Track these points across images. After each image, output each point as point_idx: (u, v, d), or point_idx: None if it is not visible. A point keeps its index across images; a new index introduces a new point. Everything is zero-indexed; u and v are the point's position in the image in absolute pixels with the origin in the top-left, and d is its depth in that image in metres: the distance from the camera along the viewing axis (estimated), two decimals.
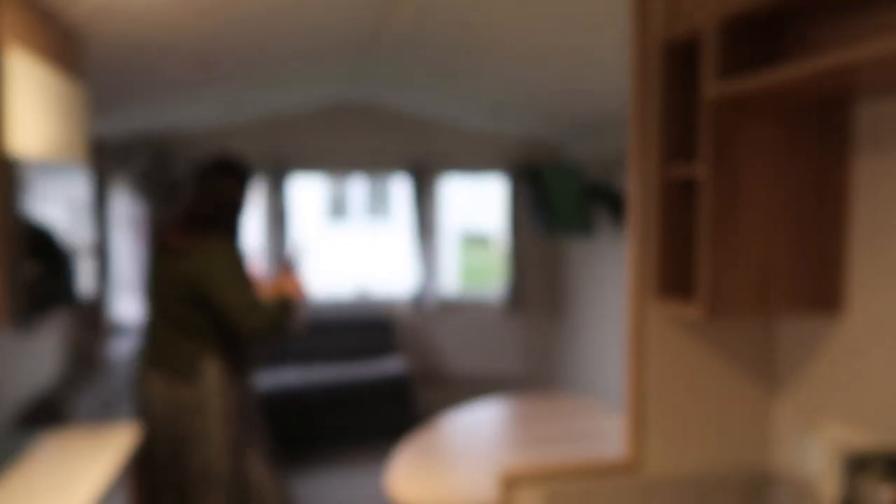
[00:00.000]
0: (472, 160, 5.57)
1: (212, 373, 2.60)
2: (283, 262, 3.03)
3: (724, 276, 1.46)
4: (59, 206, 2.01)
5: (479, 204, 18.68)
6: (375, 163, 5.53)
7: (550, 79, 3.56)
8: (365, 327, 5.43)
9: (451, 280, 5.89)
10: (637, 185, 1.68)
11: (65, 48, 2.16)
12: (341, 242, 11.97)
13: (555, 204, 4.98)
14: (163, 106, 4.06)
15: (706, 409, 1.73)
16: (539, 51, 3.11)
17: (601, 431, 2.86)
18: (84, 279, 2.27)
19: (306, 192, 11.87)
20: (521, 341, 5.73)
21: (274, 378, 4.83)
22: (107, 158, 3.82)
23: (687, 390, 1.71)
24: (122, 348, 4.01)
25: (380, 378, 4.99)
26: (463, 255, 15.28)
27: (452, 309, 5.69)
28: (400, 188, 11.65)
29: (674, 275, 1.65)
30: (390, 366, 5.13)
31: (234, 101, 4.31)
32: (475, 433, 2.97)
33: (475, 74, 3.80)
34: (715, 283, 1.46)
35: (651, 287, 1.68)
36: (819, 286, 1.51)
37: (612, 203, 4.40)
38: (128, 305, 4.44)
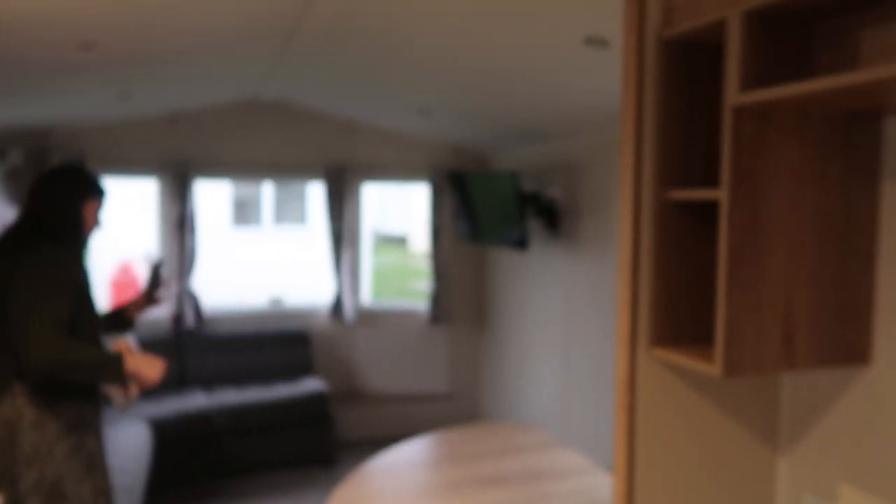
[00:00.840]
0: (395, 165, 5.23)
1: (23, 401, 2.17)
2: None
3: (744, 323, 1.20)
4: None
5: (396, 204, 18.38)
6: (290, 166, 5.09)
7: (482, 83, 3.29)
8: (280, 341, 4.97)
9: (369, 289, 5.50)
10: (629, 208, 1.40)
11: None
12: (251, 250, 11.28)
13: (481, 212, 4.72)
14: (41, 95, 3.48)
15: (703, 468, 1.47)
16: (470, 51, 2.82)
17: (558, 469, 2.59)
18: None
19: (212, 194, 11.08)
20: (444, 356, 5.43)
21: (177, 401, 4.30)
22: None
23: (682, 447, 1.45)
24: None
25: (296, 398, 4.56)
26: (377, 257, 14.84)
27: (373, 320, 5.33)
28: (316, 192, 11.13)
29: (673, 318, 1.37)
30: (307, 385, 4.71)
31: (127, 92, 3.77)
32: (413, 477, 2.63)
33: (401, 74, 3.48)
34: (734, 333, 1.20)
35: (645, 332, 1.40)
36: (846, 334, 1.27)
37: (545, 213, 4.19)
38: None
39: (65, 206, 2.31)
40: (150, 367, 2.27)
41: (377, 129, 5.14)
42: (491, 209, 4.52)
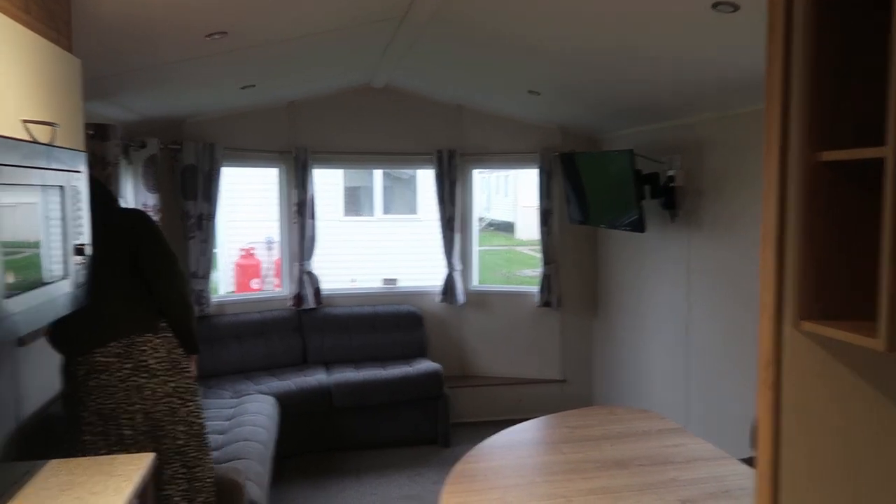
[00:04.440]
0: (504, 149, 5.19)
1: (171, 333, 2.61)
2: None
3: None
4: (40, 195, 1.67)
5: (502, 191, 18.31)
6: (401, 153, 5.18)
7: (597, 59, 3.18)
8: (394, 322, 5.08)
9: (478, 273, 5.50)
10: (774, 172, 1.30)
11: (49, 9, 1.81)
12: (364, 236, 11.59)
13: (592, 194, 4.60)
14: (173, 87, 3.72)
15: (856, 454, 1.35)
16: (584, 25, 2.73)
17: (684, 455, 2.49)
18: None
19: (326, 184, 11.49)
20: (556, 340, 5.36)
21: (299, 377, 4.50)
22: (113, 144, 3.48)
23: (834, 430, 1.34)
24: None
25: (411, 377, 4.65)
26: (482, 244, 14.85)
27: (483, 303, 5.34)
28: (425, 182, 11.29)
29: (825, 291, 1.27)
30: (422, 365, 4.79)
31: (250, 82, 3.95)
32: (531, 456, 2.62)
33: (512, 53, 3.43)
34: None
35: (792, 306, 1.30)
36: None
37: (662, 194, 4.01)
38: None
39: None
40: (197, 363, 2.69)
41: (486, 112, 5.12)
42: (603, 191, 4.40)
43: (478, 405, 5.21)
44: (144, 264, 2.48)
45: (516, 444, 2.70)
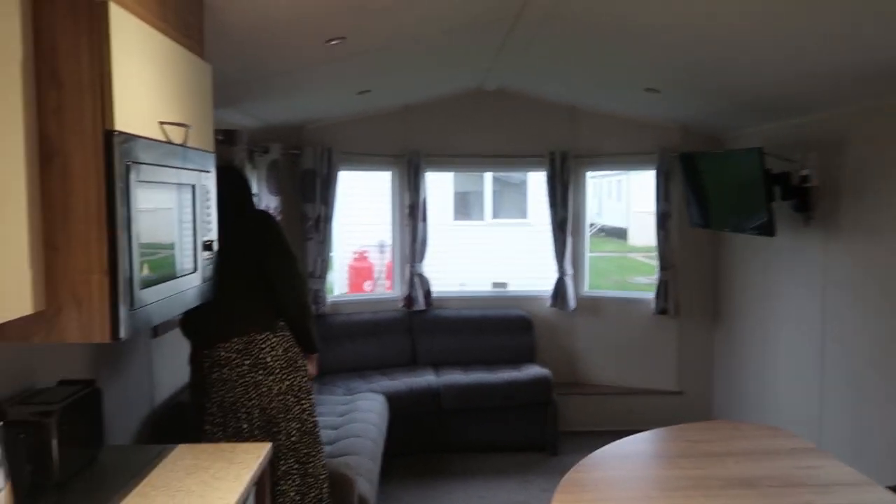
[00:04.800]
0: (620, 150, 5.03)
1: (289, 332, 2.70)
2: None
3: None
4: (175, 193, 1.76)
5: (614, 196, 17.86)
6: (512, 156, 5.14)
7: (721, 52, 2.99)
8: (503, 326, 5.04)
9: (588, 278, 5.35)
10: None
11: (184, 18, 1.92)
12: (473, 240, 11.68)
13: (714, 196, 4.35)
14: (294, 94, 3.87)
15: None
16: (708, 15, 2.56)
17: (820, 478, 2.28)
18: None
19: (437, 188, 11.62)
20: (673, 350, 5.11)
21: (409, 378, 4.56)
22: (240, 148, 3.68)
23: None
24: None
25: (520, 382, 4.58)
26: (594, 250, 14.54)
27: (595, 309, 5.19)
28: (536, 185, 11.22)
29: None
30: (531, 370, 4.72)
31: (365, 88, 4.05)
32: (648, 469, 2.49)
33: (629, 50, 3.30)
34: None
35: None
36: None
37: (795, 195, 3.73)
38: None
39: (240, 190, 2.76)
40: (317, 363, 2.79)
41: (600, 112, 4.98)
42: (728, 193, 4.14)
43: (587, 414, 5.06)
44: (267, 265, 2.55)
45: (631, 455, 2.58)
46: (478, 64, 4.17)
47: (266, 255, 2.56)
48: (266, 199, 4.34)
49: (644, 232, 16.93)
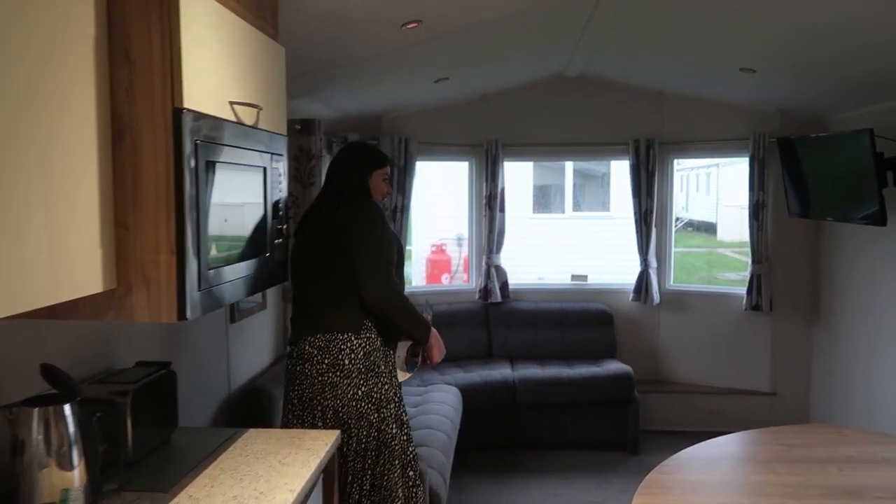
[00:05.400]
0: (710, 136, 4.76)
1: (374, 335, 2.51)
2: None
3: None
4: (245, 174, 1.75)
5: (703, 188, 17.15)
6: (595, 144, 4.96)
7: (826, 21, 2.73)
8: (582, 320, 4.88)
9: (674, 273, 5.10)
10: None
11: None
12: (553, 233, 11.49)
13: (816, 183, 4.03)
14: (370, 81, 3.85)
15: None
16: None
17: None
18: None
19: (516, 180, 11.46)
20: (765, 348, 4.80)
21: (484, 370, 4.48)
22: (317, 137, 3.69)
23: None
24: None
25: (599, 378, 4.42)
26: (679, 245, 14.01)
27: (680, 303, 4.94)
28: (619, 176, 10.90)
29: None
30: (611, 366, 4.55)
31: (443, 75, 3.99)
32: (741, 474, 2.31)
33: (722, 25, 3.08)
34: None
35: None
36: None
37: None
38: None
39: (357, 176, 2.57)
40: (439, 347, 2.58)
41: (689, 96, 4.72)
42: (832, 179, 3.83)
43: (671, 413, 4.83)
44: (357, 265, 2.41)
45: (719, 457, 2.41)
46: (559, 48, 4.03)
47: (356, 254, 2.41)
48: None
49: (734, 227, 16.18)
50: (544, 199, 13.46)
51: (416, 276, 9.36)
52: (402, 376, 2.61)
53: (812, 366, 4.74)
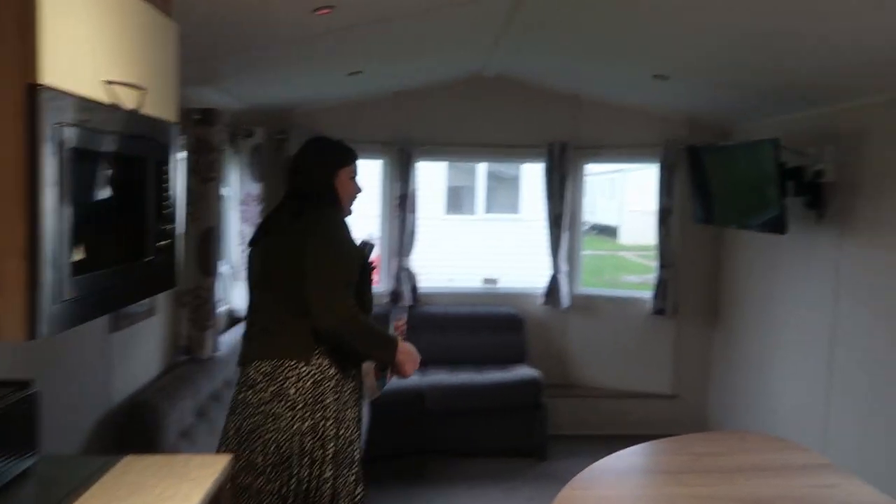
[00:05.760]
0: (623, 141, 4.81)
1: (327, 362, 2.19)
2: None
3: None
4: (122, 166, 1.52)
5: (606, 192, 17.69)
6: (510, 146, 4.91)
7: (739, 33, 2.77)
8: (492, 324, 4.81)
9: (582, 277, 5.13)
10: None
11: None
12: (465, 235, 11.46)
13: (720, 191, 4.14)
14: (280, 71, 3.62)
15: None
16: (720, 4, 2.36)
17: (842, 501, 2.08)
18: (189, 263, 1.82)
19: (428, 181, 11.34)
20: (668, 352, 4.91)
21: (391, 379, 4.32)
22: (219, 129, 3.42)
23: None
24: (231, 342, 3.63)
25: (508, 384, 4.37)
26: (588, 249, 14.39)
27: (589, 308, 4.97)
28: (531, 179, 11.02)
29: None
30: (520, 371, 4.50)
31: (358, 68, 3.81)
32: (652, 487, 2.27)
33: (638, 32, 3.08)
34: None
35: None
36: None
37: (807, 191, 3.53)
38: (241, 294, 4.08)
39: (320, 177, 2.30)
40: (411, 360, 2.30)
41: (605, 102, 4.76)
42: (736, 187, 3.94)
43: (578, 417, 4.86)
44: (306, 288, 2.12)
45: (631, 470, 2.38)
46: (477, 47, 3.94)
47: (306, 273, 2.12)
48: (247, 186, 4.10)
49: (636, 231, 16.80)
50: (456, 200, 13.46)
51: None
52: (373, 394, 2.40)
53: (711, 369, 4.88)
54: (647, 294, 4.83)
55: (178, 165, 1.85)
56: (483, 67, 4.53)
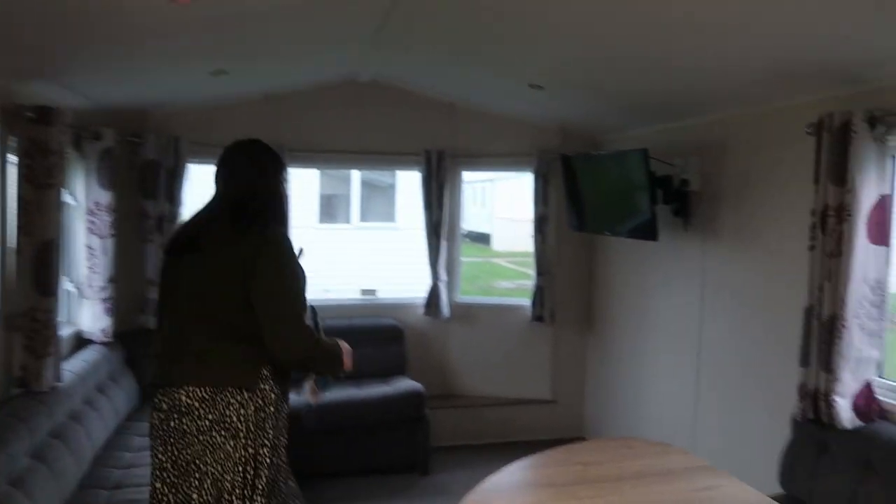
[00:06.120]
0: (499, 150, 4.82)
1: (269, 386, 2.03)
2: None
3: None
4: None
5: (477, 200, 18.03)
6: (386, 153, 4.77)
7: (613, 47, 2.83)
8: (372, 336, 4.63)
9: (460, 286, 5.10)
10: None
11: None
12: (340, 244, 11.17)
13: (591, 199, 4.26)
14: (134, 67, 3.27)
15: None
16: (592, 21, 2.38)
17: (724, 501, 2.12)
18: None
19: (301, 189, 10.95)
20: (547, 358, 4.98)
21: None
22: (58, 130, 3.02)
23: None
24: (78, 370, 3.21)
25: (389, 398, 4.23)
26: (462, 257, 14.54)
27: (469, 316, 4.94)
28: (406, 187, 10.94)
29: None
30: (401, 384, 4.37)
31: (221, 68, 3.53)
32: (546, 503, 2.21)
33: (514, 42, 3.07)
34: None
35: None
36: None
37: (675, 199, 3.68)
38: (90, 314, 3.65)
39: (263, 185, 2.17)
40: (349, 355, 2.21)
41: (480, 111, 4.75)
42: (608, 195, 4.05)
43: (461, 428, 4.81)
44: (262, 311, 1.96)
45: (522, 485, 2.32)
46: (348, 50, 3.78)
47: (261, 296, 1.96)
48: (95, 194, 3.68)
49: (508, 238, 17.25)
50: (331, 208, 13.13)
51: None
52: (317, 398, 2.29)
53: (587, 374, 5.00)
54: (526, 301, 4.87)
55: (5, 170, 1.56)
56: (357, 72, 4.39)
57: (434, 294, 4.76)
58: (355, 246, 11.76)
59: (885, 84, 2.50)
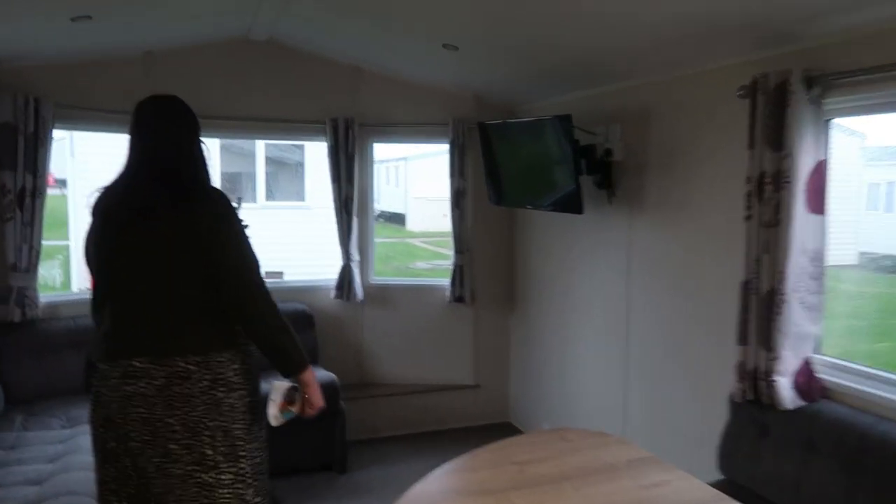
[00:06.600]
0: (411, 118, 4.46)
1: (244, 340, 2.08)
2: None
3: None
4: None
5: (391, 179, 17.62)
6: (288, 122, 4.31)
7: (520, 7, 2.55)
8: None
9: (374, 266, 4.76)
10: None
11: None
12: (246, 221, 10.45)
13: (509, 170, 4.00)
14: None
15: None
16: None
17: (676, 499, 1.90)
18: None
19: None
20: (468, 341, 4.72)
21: None
22: None
23: None
24: None
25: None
26: (377, 237, 14.15)
27: (385, 299, 4.61)
28: (319, 156, 10.38)
29: None
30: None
31: (84, 13, 2.98)
32: None
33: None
34: None
35: None
36: None
37: (597, 170, 3.46)
38: None
39: (189, 148, 2.09)
40: (319, 394, 2.23)
41: (388, 76, 4.37)
42: (529, 166, 3.79)
43: (379, 419, 4.49)
44: (223, 271, 1.97)
45: (452, 493, 2.02)
46: (238, 3, 3.31)
47: (223, 262, 1.97)
48: None
49: (422, 218, 16.95)
50: (234, 187, 12.37)
51: (74, 280, 7.79)
52: (276, 421, 2.21)
53: (510, 356, 4.78)
54: (445, 281, 4.58)
55: None
56: (249, 29, 3.91)
57: (346, 275, 4.39)
58: (261, 226, 11.09)
59: (818, 44, 2.34)
